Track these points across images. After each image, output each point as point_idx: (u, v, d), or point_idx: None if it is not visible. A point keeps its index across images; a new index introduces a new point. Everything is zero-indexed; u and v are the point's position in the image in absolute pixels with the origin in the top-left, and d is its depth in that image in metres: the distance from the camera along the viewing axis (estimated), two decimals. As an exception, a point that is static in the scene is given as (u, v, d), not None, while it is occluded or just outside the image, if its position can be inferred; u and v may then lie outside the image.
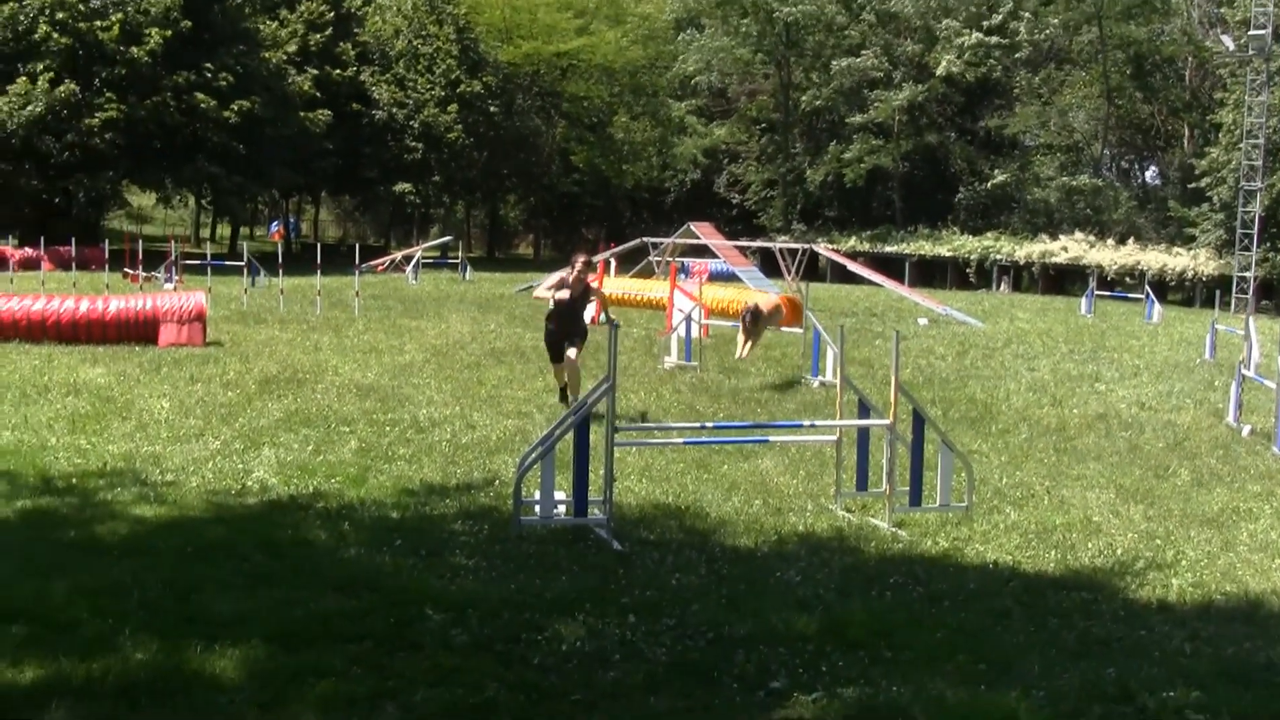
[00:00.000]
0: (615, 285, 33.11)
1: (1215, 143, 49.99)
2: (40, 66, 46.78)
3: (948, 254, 56.10)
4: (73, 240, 37.98)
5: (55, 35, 46.98)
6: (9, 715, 5.62)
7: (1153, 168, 68.22)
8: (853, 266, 39.01)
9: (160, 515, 9.17)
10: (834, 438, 10.92)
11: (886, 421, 10.20)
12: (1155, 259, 49.91)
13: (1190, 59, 59.55)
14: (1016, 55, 59.00)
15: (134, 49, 47.29)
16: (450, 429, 13.21)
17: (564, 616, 7.23)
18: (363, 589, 7.54)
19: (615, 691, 6.17)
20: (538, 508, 9.29)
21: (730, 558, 8.77)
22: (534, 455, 9.50)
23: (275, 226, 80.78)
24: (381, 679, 6.15)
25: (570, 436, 9.30)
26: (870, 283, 38.93)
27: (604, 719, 5.84)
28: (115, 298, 21.09)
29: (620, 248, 39.91)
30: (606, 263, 34.43)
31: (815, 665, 6.63)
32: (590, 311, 28.81)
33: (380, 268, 46.99)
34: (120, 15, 47.91)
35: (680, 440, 11.93)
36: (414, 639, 6.74)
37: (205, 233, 71.09)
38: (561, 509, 9.39)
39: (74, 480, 10.08)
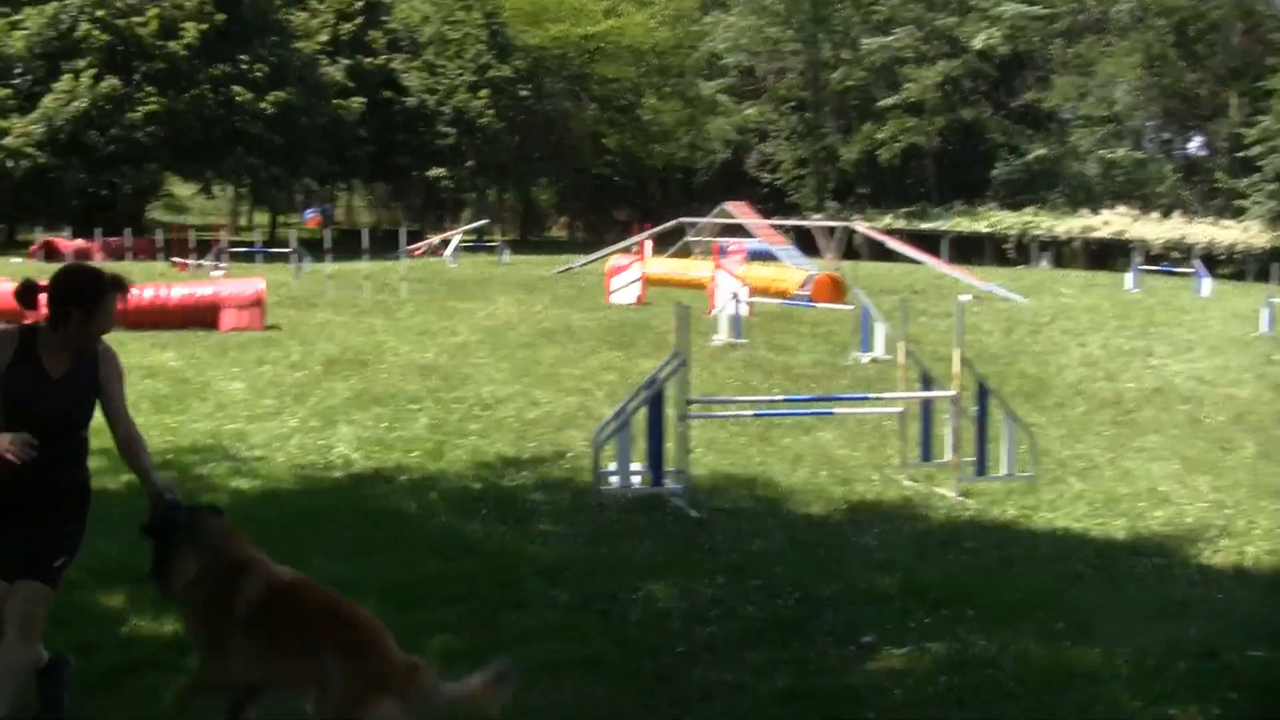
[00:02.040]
0: (656, 265, 33.31)
1: (1267, 110, 48.83)
2: (83, 63, 47.56)
3: (985, 230, 55.75)
4: (128, 231, 39.12)
5: (96, 32, 47.96)
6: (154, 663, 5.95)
7: (1197, 138, 67.31)
8: (893, 244, 39.00)
9: (255, 487, 9.54)
10: (899, 410, 11.13)
11: (952, 393, 10.38)
12: (1203, 232, 48.97)
13: (1239, 23, 58.57)
14: (1054, 25, 58.36)
15: (171, 43, 48.05)
16: (515, 406, 13.49)
17: (655, 578, 7.51)
18: (460, 554, 7.86)
19: (713, 645, 6.44)
20: (614, 478, 9.57)
21: (805, 524, 9.01)
22: (610, 429, 9.77)
23: (310, 214, 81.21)
24: (494, 634, 6.46)
25: (644, 410, 9.57)
26: (909, 260, 38.95)
27: (705, 670, 6.10)
28: (178, 285, 21.53)
29: (658, 228, 40.15)
30: (643, 244, 34.67)
31: (902, 622, 6.86)
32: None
33: (418, 252, 47.37)
34: (157, 10, 48.85)
35: (751, 413, 12.17)
36: (518, 599, 7.05)
37: (243, 220, 71.87)
38: (637, 479, 9.66)
39: (169, 456, 10.38)
